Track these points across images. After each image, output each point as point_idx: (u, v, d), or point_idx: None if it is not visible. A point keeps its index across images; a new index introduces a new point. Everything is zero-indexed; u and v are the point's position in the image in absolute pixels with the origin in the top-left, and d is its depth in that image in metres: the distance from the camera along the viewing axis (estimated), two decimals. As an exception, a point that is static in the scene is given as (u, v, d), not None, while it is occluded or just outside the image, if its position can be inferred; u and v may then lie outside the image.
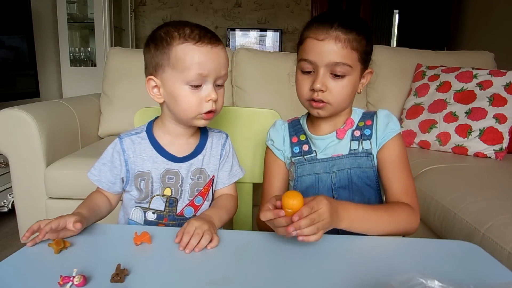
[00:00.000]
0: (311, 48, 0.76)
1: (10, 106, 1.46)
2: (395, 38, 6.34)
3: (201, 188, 0.82)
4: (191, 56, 0.71)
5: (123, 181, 0.80)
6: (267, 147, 0.92)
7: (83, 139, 1.80)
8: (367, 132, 0.82)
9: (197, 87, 0.72)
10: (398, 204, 0.76)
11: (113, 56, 2.06)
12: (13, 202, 1.72)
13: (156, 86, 0.75)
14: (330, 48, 0.73)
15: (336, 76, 0.75)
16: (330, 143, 0.83)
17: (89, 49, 3.10)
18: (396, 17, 6.24)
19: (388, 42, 6.22)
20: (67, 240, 0.63)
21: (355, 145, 0.82)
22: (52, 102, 1.73)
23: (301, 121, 0.90)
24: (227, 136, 0.88)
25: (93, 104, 2.00)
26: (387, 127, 0.80)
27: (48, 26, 2.84)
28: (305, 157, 0.85)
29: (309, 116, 0.89)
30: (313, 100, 0.77)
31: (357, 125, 0.83)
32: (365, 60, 0.78)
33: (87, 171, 0.80)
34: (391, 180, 0.79)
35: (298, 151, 0.86)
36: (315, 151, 0.85)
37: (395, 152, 0.80)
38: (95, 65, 2.99)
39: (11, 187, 1.62)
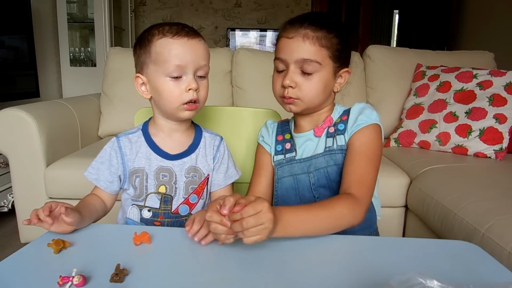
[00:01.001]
0: (282, 46, 0.78)
1: (10, 106, 1.46)
2: (395, 38, 6.33)
3: (196, 186, 0.83)
4: (168, 49, 0.73)
5: (120, 180, 0.81)
6: (258, 144, 0.94)
7: (83, 139, 1.80)
8: (340, 127, 0.81)
9: (177, 78, 0.75)
10: (338, 198, 0.71)
11: (113, 56, 2.06)
12: (13, 202, 1.73)
13: (143, 83, 0.79)
14: (298, 45, 0.75)
15: (305, 73, 0.76)
16: (306, 141, 0.84)
17: (89, 49, 3.10)
18: (396, 17, 6.24)
19: (388, 42, 6.21)
20: (67, 240, 0.63)
21: (329, 142, 0.81)
22: (52, 102, 1.73)
23: (290, 121, 0.92)
24: (221, 138, 0.90)
25: (93, 104, 2.00)
26: (357, 119, 0.79)
27: (48, 26, 2.84)
28: (286, 155, 0.86)
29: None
30: (284, 97, 0.79)
31: (335, 122, 0.83)
32: (337, 58, 0.78)
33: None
34: (347, 169, 0.76)
35: (280, 149, 0.88)
36: (295, 149, 0.85)
37: (360, 141, 0.78)
38: (95, 65, 2.99)
39: (11, 187, 1.62)
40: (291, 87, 0.77)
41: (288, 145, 0.87)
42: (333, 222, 0.67)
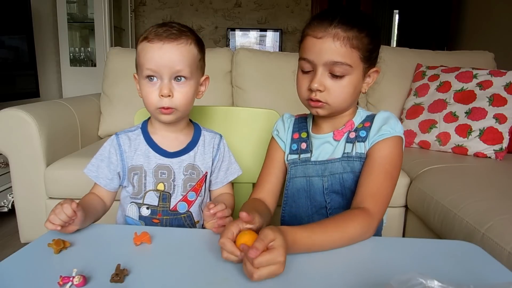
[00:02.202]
0: (309, 46, 0.73)
1: (10, 106, 1.46)
2: (395, 38, 6.34)
3: (194, 183, 0.83)
4: (144, 53, 0.75)
5: (120, 177, 0.82)
6: (272, 137, 0.91)
7: (83, 139, 1.80)
8: (362, 133, 0.78)
9: (153, 82, 0.75)
10: (352, 216, 0.68)
11: (113, 56, 2.06)
12: (13, 202, 1.72)
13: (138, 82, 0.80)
14: (328, 47, 0.70)
15: (335, 75, 0.72)
16: (324, 144, 0.81)
17: (89, 49, 3.10)
18: (396, 17, 6.24)
19: (388, 42, 6.22)
20: (67, 240, 0.63)
21: (348, 148, 0.78)
22: (52, 102, 1.73)
23: (308, 119, 0.89)
24: (221, 136, 0.90)
25: (93, 104, 2.00)
26: (380, 129, 0.76)
27: (48, 26, 2.84)
28: (301, 156, 0.83)
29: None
30: (311, 99, 0.75)
31: (356, 127, 0.80)
32: (368, 58, 0.74)
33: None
34: (363, 180, 0.73)
35: (295, 148, 0.85)
36: (311, 150, 0.83)
37: (380, 153, 0.74)
38: (95, 65, 2.99)
39: (11, 187, 1.62)
40: (320, 90, 0.73)
41: (304, 145, 0.84)
42: (345, 242, 0.65)
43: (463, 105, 1.71)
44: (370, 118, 0.80)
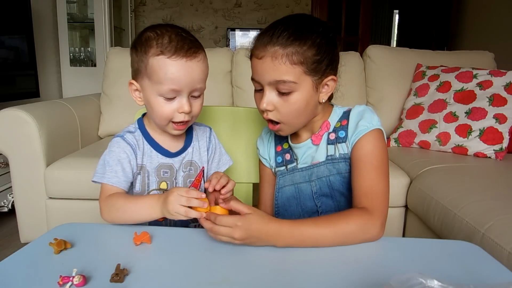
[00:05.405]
0: (253, 67, 0.73)
1: (10, 106, 1.46)
2: (395, 38, 6.34)
3: (193, 179, 0.84)
4: (164, 71, 0.71)
5: (132, 176, 0.79)
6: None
7: (83, 139, 1.80)
8: (341, 134, 0.76)
9: (170, 99, 0.73)
10: (347, 213, 0.68)
11: (113, 56, 2.06)
12: (13, 202, 1.72)
13: (137, 89, 0.77)
14: (268, 67, 0.69)
15: (282, 93, 0.71)
16: (307, 150, 0.81)
17: (89, 49, 3.10)
18: (396, 17, 6.24)
19: (388, 42, 6.22)
20: (68, 241, 0.62)
21: (331, 150, 0.77)
22: (52, 102, 1.73)
23: None
24: (210, 129, 0.91)
25: (93, 104, 2.00)
26: (357, 125, 0.74)
27: (48, 26, 2.84)
28: (288, 166, 0.84)
29: None
30: (267, 120, 0.75)
31: (334, 127, 0.78)
32: (316, 70, 0.70)
33: (88, 171, 0.81)
34: (354, 180, 0.72)
35: (280, 161, 0.86)
36: (296, 159, 0.83)
37: (364, 150, 0.73)
38: (95, 65, 2.99)
39: (11, 187, 1.62)
40: (269, 110, 0.72)
41: (288, 156, 0.85)
42: (340, 238, 0.64)
43: (463, 105, 1.71)
44: (347, 115, 0.78)
